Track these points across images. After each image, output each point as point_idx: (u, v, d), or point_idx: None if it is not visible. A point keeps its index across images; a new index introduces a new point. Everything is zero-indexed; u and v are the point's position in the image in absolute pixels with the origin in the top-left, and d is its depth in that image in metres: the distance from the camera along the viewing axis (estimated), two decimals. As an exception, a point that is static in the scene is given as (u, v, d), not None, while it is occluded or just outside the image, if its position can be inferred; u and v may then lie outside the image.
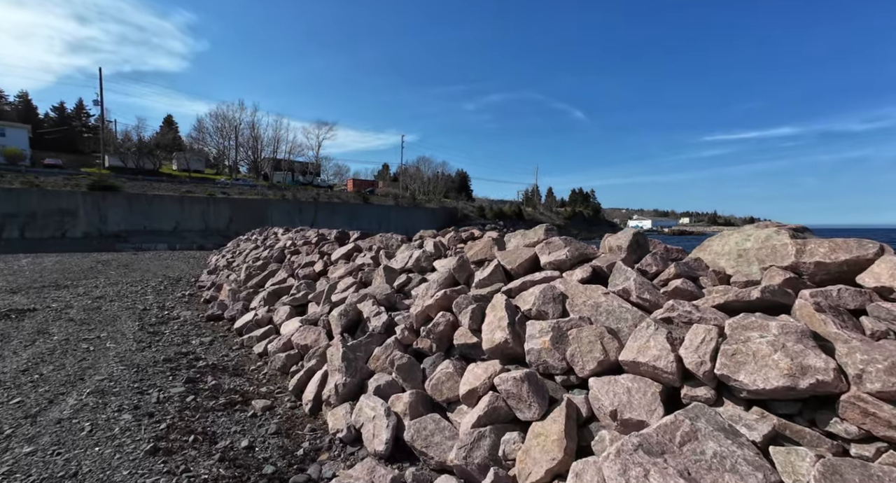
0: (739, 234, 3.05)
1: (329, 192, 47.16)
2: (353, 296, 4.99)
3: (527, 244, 3.96)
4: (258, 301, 6.50)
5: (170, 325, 6.32)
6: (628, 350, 2.26)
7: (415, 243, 5.83)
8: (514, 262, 3.70)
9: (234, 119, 50.85)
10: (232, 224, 31.71)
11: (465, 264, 4.09)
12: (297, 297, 5.83)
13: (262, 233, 16.32)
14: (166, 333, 5.77)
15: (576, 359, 2.45)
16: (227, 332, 5.99)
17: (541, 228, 4.02)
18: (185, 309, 7.54)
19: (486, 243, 4.31)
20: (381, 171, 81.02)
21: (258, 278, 7.69)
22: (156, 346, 5.15)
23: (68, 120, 53.12)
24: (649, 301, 2.58)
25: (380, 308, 4.31)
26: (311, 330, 4.65)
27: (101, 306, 7.36)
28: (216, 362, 4.64)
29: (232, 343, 5.47)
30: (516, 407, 2.45)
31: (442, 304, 3.70)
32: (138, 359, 4.61)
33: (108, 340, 5.32)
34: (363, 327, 4.38)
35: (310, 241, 8.52)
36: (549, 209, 79.96)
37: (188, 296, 8.83)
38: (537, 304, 2.98)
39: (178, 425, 3.14)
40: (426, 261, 5.01)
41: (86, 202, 26.04)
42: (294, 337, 4.63)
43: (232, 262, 11.66)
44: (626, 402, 2.07)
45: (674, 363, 2.03)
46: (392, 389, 3.19)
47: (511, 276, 3.72)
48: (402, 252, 5.72)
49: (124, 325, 6.15)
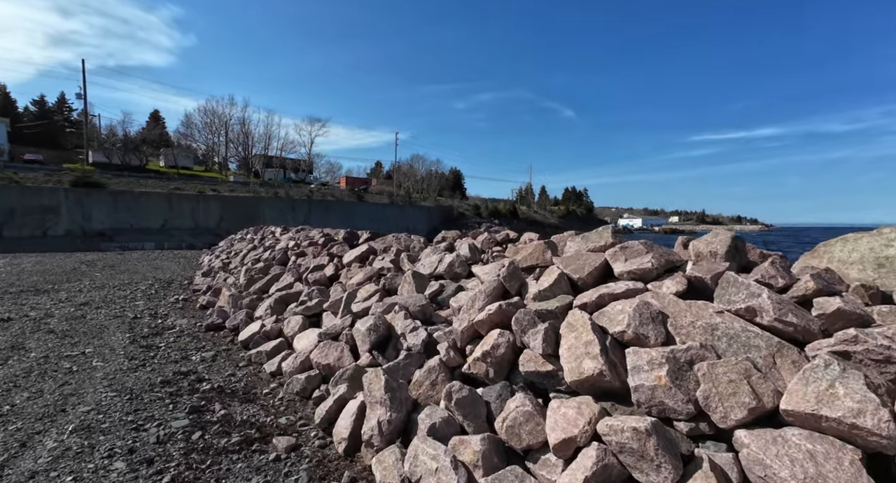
0: (873, 238, 2.52)
1: (323, 190, 46.24)
2: (378, 306, 4.40)
3: (591, 248, 3.40)
4: (264, 309, 5.87)
5: (164, 336, 5.66)
6: (796, 396, 1.72)
7: (441, 245, 5.24)
8: (580, 270, 3.15)
9: (224, 114, 49.62)
10: (223, 222, 30.75)
11: (517, 272, 3.52)
12: (309, 306, 5.21)
13: (257, 232, 15.57)
14: (161, 347, 5.12)
15: (712, 403, 1.90)
16: (230, 345, 5.35)
17: (606, 230, 3.47)
18: (180, 317, 6.86)
19: (536, 247, 3.75)
20: (374, 168, 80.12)
21: (261, 283, 7.03)
22: (150, 363, 4.50)
23: (49, 114, 51.31)
24: (795, 326, 2.04)
25: (415, 322, 3.72)
26: (333, 346, 4.05)
27: (86, 315, 6.65)
28: (223, 384, 4.02)
29: (238, 359, 4.84)
30: (636, 466, 1.89)
31: (496, 321, 3.13)
32: (131, 381, 3.97)
33: (94, 357, 4.65)
34: (395, 344, 3.79)
35: (315, 241, 7.88)
36: (544, 207, 79.80)
37: (182, 301, 8.13)
38: (633, 324, 2.43)
39: (185, 477, 2.52)
40: (461, 266, 4.44)
41: (68, 199, 24.91)
42: (313, 354, 4.03)
43: (228, 263, 10.94)
44: (813, 476, 1.52)
45: (890, 423, 1.48)
46: (450, 429, 2.62)
47: (577, 288, 3.17)
48: (427, 256, 5.14)
49: (113, 337, 5.47)
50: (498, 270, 3.82)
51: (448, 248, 5.20)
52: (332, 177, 61.85)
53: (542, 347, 2.64)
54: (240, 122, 49.90)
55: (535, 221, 64.01)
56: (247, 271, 8.26)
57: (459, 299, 3.88)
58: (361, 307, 4.58)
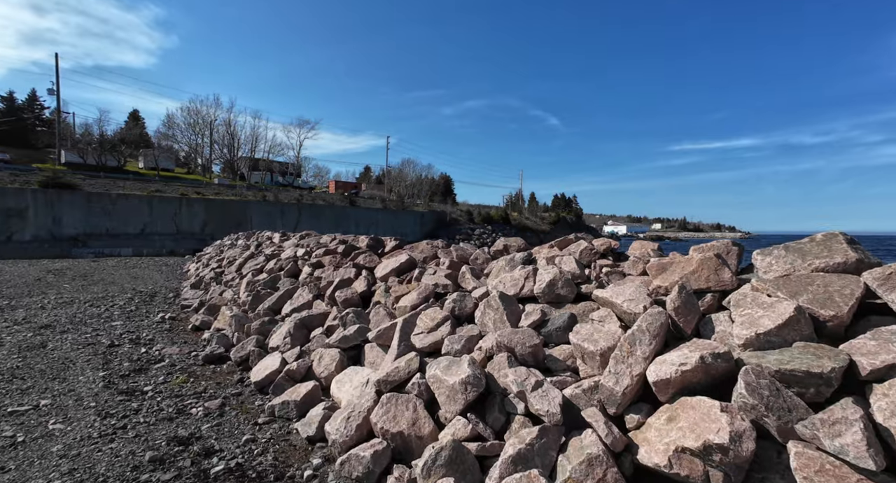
0: None
1: (312, 194, 44.60)
2: (453, 341, 3.23)
3: (817, 268, 2.30)
4: (281, 337, 4.60)
5: (151, 373, 4.35)
6: None
7: (518, 256, 4.09)
8: (827, 303, 2.05)
9: (209, 114, 47.58)
10: (207, 227, 28.94)
11: (691, 302, 2.40)
12: (346, 336, 3.99)
13: (249, 237, 14.16)
14: (148, 393, 3.81)
15: None
16: (239, 387, 4.08)
17: (836, 239, 2.37)
18: (168, 342, 5.52)
19: (704, 263, 2.63)
20: (363, 173, 78.72)
21: (271, 301, 5.75)
22: (133, 423, 3.20)
23: (18, 111, 48.43)
24: None
25: (531, 373, 2.56)
26: (400, 402, 2.85)
27: (48, 342, 5.26)
28: (241, 461, 2.77)
29: (254, 410, 3.58)
30: None
31: (691, 380, 2.02)
32: (104, 463, 2.67)
33: (52, 415, 3.32)
34: (499, 404, 2.62)
35: (333, 250, 6.64)
36: (534, 214, 79.40)
37: (169, 320, 6.76)
38: None
39: None
40: (565, 286, 3.29)
41: (37, 201, 22.88)
42: (374, 416, 2.81)
43: (221, 273, 9.55)
44: None
45: None
46: None
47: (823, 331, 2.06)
48: (503, 271, 3.98)
49: (81, 378, 4.13)
50: (640, 294, 2.69)
51: (526, 260, 4.05)
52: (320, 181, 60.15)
53: (856, 446, 1.52)
54: (225, 123, 47.86)
55: (527, 228, 63.32)
56: (249, 285, 6.95)
57: (582, 335, 2.74)
58: (427, 342, 3.39)
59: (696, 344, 2.18)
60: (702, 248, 2.86)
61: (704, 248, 2.79)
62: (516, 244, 4.79)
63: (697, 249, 2.85)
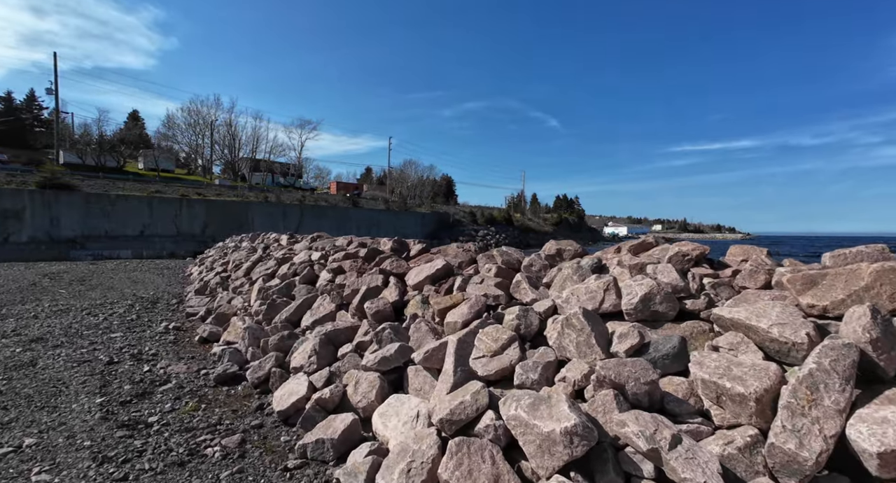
0: None
1: (315, 195, 44.03)
2: (525, 367, 2.65)
3: None
4: (305, 355, 4.00)
5: (155, 398, 3.75)
6: None
7: (585, 263, 3.49)
8: None
9: (210, 115, 47.01)
10: (208, 228, 28.34)
11: (891, 330, 1.82)
12: (387, 358, 3.39)
13: (254, 239, 13.56)
14: (153, 426, 3.21)
15: None
16: (259, 416, 3.48)
17: None
18: (174, 358, 4.93)
19: (881, 275, 2.04)
20: (365, 174, 78.20)
21: (288, 311, 5.15)
22: (137, 473, 2.60)
23: (16, 111, 47.82)
24: None
25: (659, 423, 1.96)
26: (474, 451, 2.26)
27: (38, 359, 4.66)
28: (275, 527, 2.17)
29: (281, 448, 2.98)
30: None
31: None
32: (101, 531, 2.08)
33: (37, 459, 2.72)
34: (615, 464, 2.03)
35: (353, 253, 6.04)
36: (537, 215, 78.87)
37: (174, 331, 6.17)
38: None
39: None
40: (666, 302, 2.70)
41: (34, 202, 22.28)
42: (445, 472, 2.22)
43: (228, 277, 8.96)
44: None
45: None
46: None
47: None
48: (571, 281, 3.39)
49: (74, 405, 3.53)
50: (793, 317, 2.10)
51: (596, 267, 3.47)
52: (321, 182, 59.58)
53: None
54: (226, 123, 47.26)
55: (530, 229, 62.78)
56: (261, 292, 6.36)
57: (712, 368, 2.14)
58: (492, 368, 2.81)
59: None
60: (857, 253, 2.26)
61: (867, 254, 2.19)
62: (572, 248, 4.21)
63: (849, 256, 2.25)
